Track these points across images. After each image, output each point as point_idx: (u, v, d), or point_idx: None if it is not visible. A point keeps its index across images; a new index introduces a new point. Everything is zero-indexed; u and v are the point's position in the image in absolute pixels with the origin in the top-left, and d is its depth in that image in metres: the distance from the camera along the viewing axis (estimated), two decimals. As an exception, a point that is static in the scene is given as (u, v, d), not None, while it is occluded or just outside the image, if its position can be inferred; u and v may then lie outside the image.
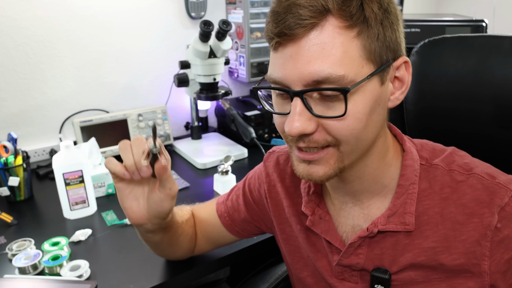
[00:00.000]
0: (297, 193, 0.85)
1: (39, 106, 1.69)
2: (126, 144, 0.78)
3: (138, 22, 1.81)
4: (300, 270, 0.87)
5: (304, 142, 0.64)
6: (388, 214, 0.71)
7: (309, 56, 0.59)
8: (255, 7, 1.87)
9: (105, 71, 1.80)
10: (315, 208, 0.80)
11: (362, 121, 0.62)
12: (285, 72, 0.61)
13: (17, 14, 1.56)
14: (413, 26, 1.91)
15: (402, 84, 0.68)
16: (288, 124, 0.62)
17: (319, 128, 0.63)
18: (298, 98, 0.61)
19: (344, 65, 0.59)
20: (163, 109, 1.78)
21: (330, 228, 0.78)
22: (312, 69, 0.59)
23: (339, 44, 0.59)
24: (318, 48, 0.59)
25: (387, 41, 0.63)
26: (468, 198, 0.68)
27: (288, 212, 0.86)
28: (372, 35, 0.61)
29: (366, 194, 0.75)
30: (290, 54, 0.60)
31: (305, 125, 0.61)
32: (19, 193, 1.37)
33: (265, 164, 0.93)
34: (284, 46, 0.61)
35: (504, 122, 0.89)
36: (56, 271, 1.00)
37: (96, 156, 1.44)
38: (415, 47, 1.00)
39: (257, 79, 1.98)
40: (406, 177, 0.72)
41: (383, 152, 0.72)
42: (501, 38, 0.90)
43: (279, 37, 0.60)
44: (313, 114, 0.62)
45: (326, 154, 0.65)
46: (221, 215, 0.98)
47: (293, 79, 0.61)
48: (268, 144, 1.81)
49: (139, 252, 1.09)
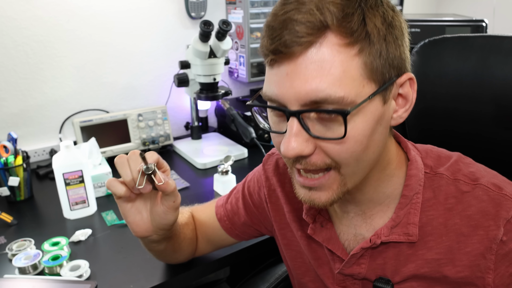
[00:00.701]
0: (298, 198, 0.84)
1: (39, 106, 1.69)
2: (122, 159, 0.76)
3: (138, 22, 1.81)
4: (302, 275, 0.86)
5: (301, 164, 0.61)
6: (392, 225, 0.69)
7: (306, 75, 0.55)
8: (255, 7, 1.87)
9: (105, 71, 1.80)
10: (316, 216, 0.78)
11: (363, 143, 0.59)
12: (281, 90, 0.58)
13: (17, 14, 1.57)
14: (413, 26, 1.91)
15: (406, 102, 0.64)
16: (284, 145, 0.58)
17: (317, 150, 0.60)
18: (295, 118, 0.57)
19: (343, 85, 0.55)
20: (163, 109, 1.78)
21: (332, 236, 0.76)
22: (309, 88, 0.55)
23: (338, 63, 0.55)
24: (316, 66, 0.55)
25: (390, 58, 0.59)
26: (474, 210, 0.65)
27: (289, 218, 0.85)
28: (374, 52, 0.57)
29: (369, 204, 0.73)
30: (287, 72, 0.57)
31: (302, 147, 0.58)
32: (19, 193, 1.37)
33: (264, 167, 0.90)
34: (280, 64, 0.57)
35: (504, 123, 0.89)
36: (56, 271, 1.00)
37: (96, 156, 1.44)
38: (415, 47, 1.00)
39: (257, 79, 1.99)
40: (411, 187, 0.69)
41: (383, 165, 0.69)
42: (502, 38, 0.90)
43: (275, 54, 0.57)
44: (311, 135, 0.58)
45: (327, 180, 0.62)
46: (221, 218, 0.97)
47: (289, 98, 0.57)
48: (268, 144, 1.81)
49: (139, 252, 1.09)
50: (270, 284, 1.15)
